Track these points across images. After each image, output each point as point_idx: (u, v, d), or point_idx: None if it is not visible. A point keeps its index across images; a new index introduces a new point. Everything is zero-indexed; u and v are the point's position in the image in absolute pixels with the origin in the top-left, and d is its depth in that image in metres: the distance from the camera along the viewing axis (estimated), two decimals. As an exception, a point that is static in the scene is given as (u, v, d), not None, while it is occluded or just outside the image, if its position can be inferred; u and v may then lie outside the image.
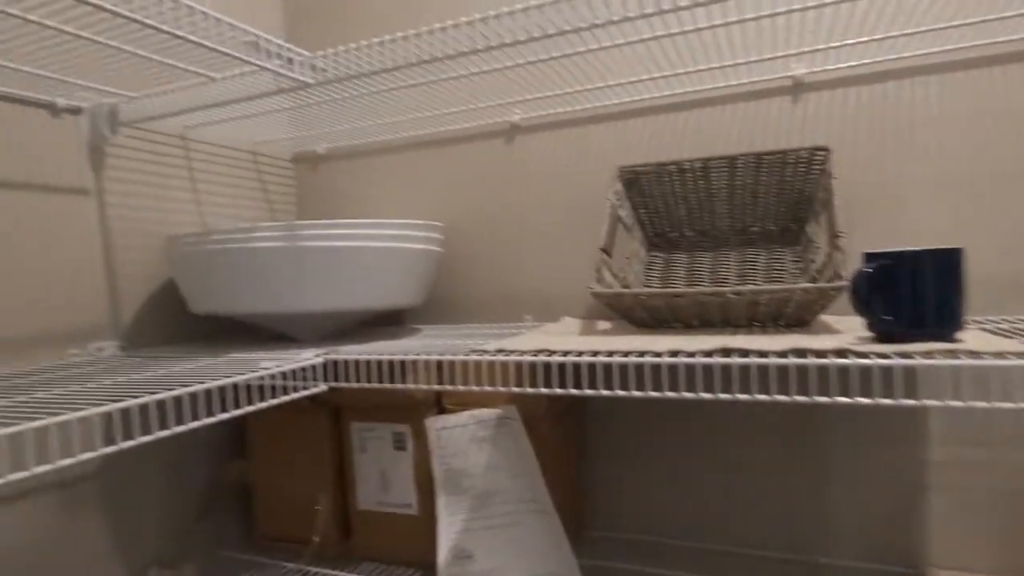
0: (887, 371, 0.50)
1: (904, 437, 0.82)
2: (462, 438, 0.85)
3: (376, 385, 0.68)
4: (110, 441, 0.53)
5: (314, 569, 0.90)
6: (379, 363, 0.68)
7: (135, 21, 0.56)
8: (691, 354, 0.57)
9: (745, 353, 0.56)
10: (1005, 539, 0.79)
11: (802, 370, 0.53)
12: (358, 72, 0.72)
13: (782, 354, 0.54)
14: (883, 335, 0.58)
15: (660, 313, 0.75)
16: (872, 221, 0.83)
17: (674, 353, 0.57)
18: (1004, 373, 0.47)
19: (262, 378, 0.64)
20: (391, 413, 0.90)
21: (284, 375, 0.67)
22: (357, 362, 0.70)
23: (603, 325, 0.86)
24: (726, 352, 0.57)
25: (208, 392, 0.59)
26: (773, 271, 0.86)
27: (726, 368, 0.54)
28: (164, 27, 0.57)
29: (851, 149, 0.83)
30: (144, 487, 0.89)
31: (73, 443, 0.49)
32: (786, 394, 0.53)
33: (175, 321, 0.96)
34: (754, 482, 0.90)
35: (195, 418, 0.57)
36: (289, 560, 0.93)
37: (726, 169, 0.86)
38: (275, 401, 0.65)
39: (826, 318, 0.79)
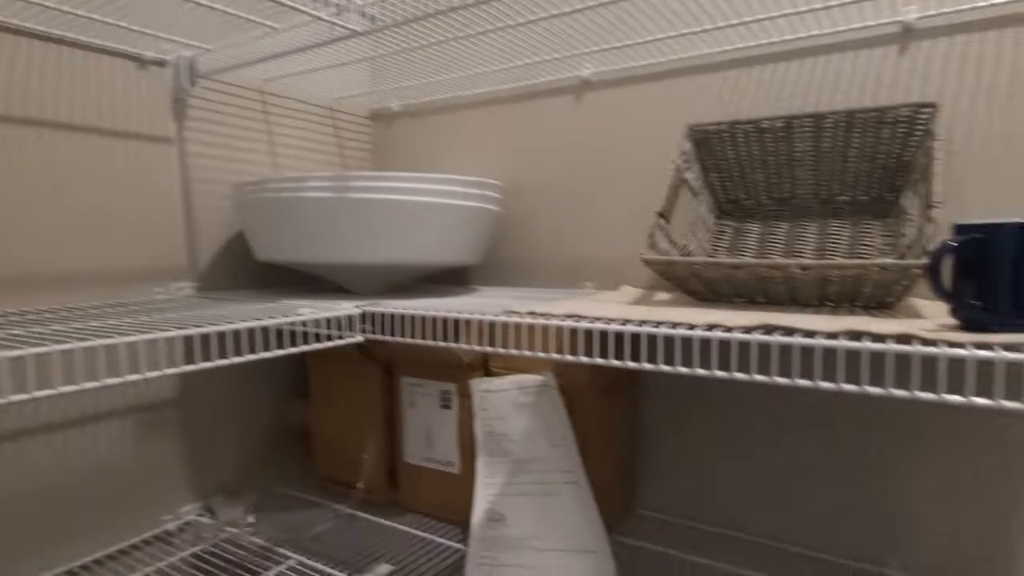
0: (956, 363, 0.42)
1: (992, 444, 0.71)
2: (504, 402, 0.84)
3: (409, 340, 0.68)
4: (153, 368, 0.55)
5: (360, 514, 0.93)
6: (412, 318, 0.68)
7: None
8: (728, 329, 0.51)
9: (790, 332, 0.50)
10: None
11: (853, 355, 0.46)
12: (410, 17, 0.70)
13: (832, 335, 0.47)
14: (969, 323, 0.49)
15: (718, 286, 0.69)
16: (982, 192, 0.71)
17: (710, 327, 0.52)
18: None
19: (295, 324, 0.65)
20: (439, 371, 0.90)
21: (319, 323, 0.68)
22: (392, 316, 0.69)
23: (661, 296, 0.81)
24: (769, 329, 0.51)
25: (250, 331, 0.61)
26: (860, 246, 0.76)
27: (765, 347, 0.48)
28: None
29: (964, 107, 0.71)
30: (217, 420, 0.96)
31: (140, 363, 0.52)
32: (832, 381, 0.46)
33: (245, 267, 1.01)
34: (814, 478, 0.82)
35: (237, 354, 0.60)
36: (340, 502, 0.97)
37: (811, 130, 0.77)
38: (308, 347, 0.67)
39: (919, 302, 0.69)
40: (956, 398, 0.42)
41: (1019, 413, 0.70)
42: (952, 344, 0.43)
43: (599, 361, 0.56)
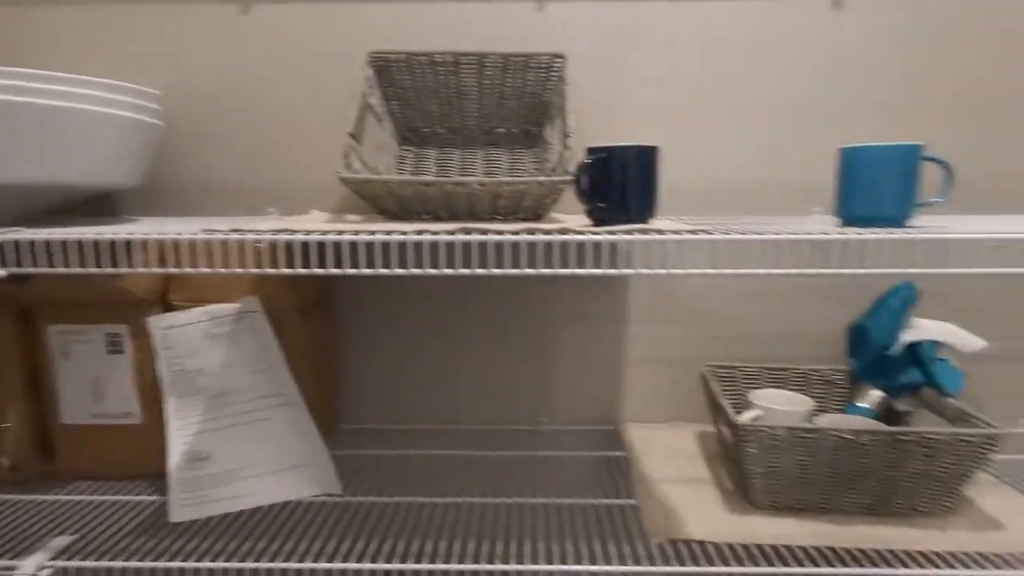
0: (596, 245, 0.58)
1: (610, 317, 0.98)
2: (193, 336, 0.78)
3: (78, 270, 0.58)
4: None
5: (3, 496, 0.77)
6: (80, 244, 0.58)
7: None
8: (435, 233, 0.59)
9: (484, 232, 0.60)
10: (676, 396, 1.00)
11: (531, 246, 0.58)
12: None
13: (515, 233, 0.59)
14: (598, 220, 0.67)
15: (410, 203, 0.76)
16: (599, 126, 0.93)
17: (419, 232, 0.59)
18: (679, 246, 0.58)
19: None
20: (102, 312, 0.78)
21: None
22: (49, 243, 0.58)
23: (353, 218, 0.85)
24: (467, 231, 0.60)
25: None
26: (515, 171, 0.92)
27: (467, 247, 0.57)
28: None
29: (586, 59, 0.92)
30: None
31: None
32: (517, 267, 0.59)
33: None
34: (488, 365, 1.00)
35: None
36: (-34, 492, 0.77)
37: (475, 66, 0.88)
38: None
39: (557, 215, 0.88)
40: (597, 271, 0.58)
41: (628, 276, 0.97)
42: (593, 233, 0.59)
43: (317, 271, 0.59)
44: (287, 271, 0.58)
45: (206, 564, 0.65)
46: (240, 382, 0.78)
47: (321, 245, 0.58)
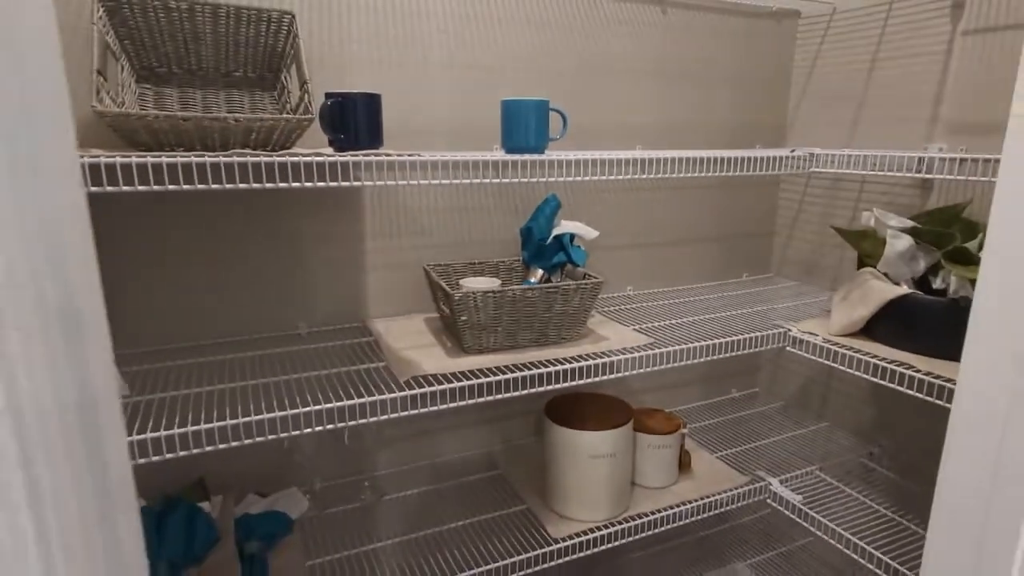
0: (343, 164, 0.80)
1: (350, 235, 1.21)
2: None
3: None
4: None
5: None
6: None
7: None
8: (215, 156, 0.75)
9: (256, 156, 0.78)
10: (408, 293, 1.28)
11: (283, 166, 0.78)
12: None
13: (269, 155, 0.78)
14: (339, 149, 0.89)
15: (165, 136, 0.87)
16: (328, 75, 1.12)
17: (200, 156, 0.74)
18: (405, 162, 0.84)
19: None
20: None
21: None
22: None
23: (98, 152, 0.91)
24: (242, 155, 0.77)
25: None
26: (256, 111, 1.07)
27: (243, 168, 0.75)
28: None
29: (312, 17, 1.09)
30: None
31: None
32: (286, 182, 0.78)
33: None
34: (244, 279, 1.15)
35: None
36: None
37: (210, 16, 0.99)
38: None
39: (300, 148, 1.06)
40: (345, 183, 0.81)
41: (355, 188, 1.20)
42: (340, 157, 0.81)
43: (126, 188, 0.69)
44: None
45: None
46: None
47: (104, 167, 0.69)
